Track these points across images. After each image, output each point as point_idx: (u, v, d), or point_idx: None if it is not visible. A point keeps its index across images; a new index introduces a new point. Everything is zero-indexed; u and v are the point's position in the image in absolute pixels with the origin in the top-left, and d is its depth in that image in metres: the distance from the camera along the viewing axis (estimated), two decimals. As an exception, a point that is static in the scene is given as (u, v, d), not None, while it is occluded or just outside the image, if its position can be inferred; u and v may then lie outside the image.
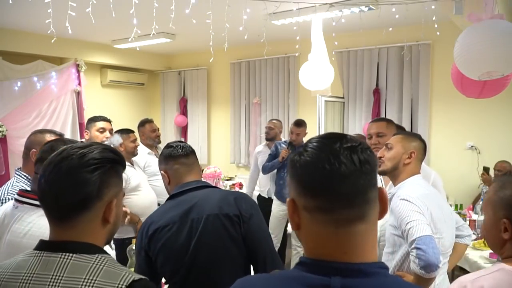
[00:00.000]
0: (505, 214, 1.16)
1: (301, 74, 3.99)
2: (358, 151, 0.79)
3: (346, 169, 0.76)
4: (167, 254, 1.59)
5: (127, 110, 6.99)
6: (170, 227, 1.60)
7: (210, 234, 1.59)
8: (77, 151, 1.01)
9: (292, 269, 0.81)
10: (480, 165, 4.58)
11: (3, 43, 5.09)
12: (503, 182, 1.21)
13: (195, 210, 1.62)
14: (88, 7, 3.14)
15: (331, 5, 3.92)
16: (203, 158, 7.08)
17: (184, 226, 1.60)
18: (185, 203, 1.64)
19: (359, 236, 0.78)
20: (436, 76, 4.99)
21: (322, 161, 0.77)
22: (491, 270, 1.15)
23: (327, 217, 0.77)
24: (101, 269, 0.96)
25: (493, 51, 2.35)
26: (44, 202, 1.02)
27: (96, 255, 0.99)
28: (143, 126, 4.03)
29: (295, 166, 0.82)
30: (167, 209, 1.66)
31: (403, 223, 1.68)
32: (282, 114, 6.11)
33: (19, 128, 5.36)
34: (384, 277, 0.77)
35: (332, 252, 0.77)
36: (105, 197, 1.02)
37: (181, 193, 1.69)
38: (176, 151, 1.74)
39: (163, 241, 1.59)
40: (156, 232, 1.60)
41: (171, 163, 1.73)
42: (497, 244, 1.21)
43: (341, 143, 0.80)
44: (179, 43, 6.03)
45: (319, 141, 0.82)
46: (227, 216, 1.60)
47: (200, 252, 1.58)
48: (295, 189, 0.82)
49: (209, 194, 1.68)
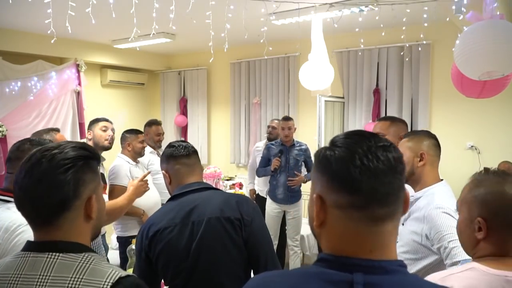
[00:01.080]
0: (480, 213, 1.15)
1: (301, 74, 3.99)
2: (391, 150, 0.78)
3: (384, 167, 0.76)
4: (168, 256, 1.58)
5: (127, 110, 6.99)
6: (171, 229, 1.58)
7: (211, 236, 1.58)
8: (46, 154, 1.00)
9: (311, 265, 0.80)
10: (480, 165, 4.57)
11: (3, 43, 5.08)
12: (477, 181, 1.20)
13: (196, 213, 1.60)
14: (88, 7, 3.14)
15: (331, 5, 3.92)
16: (203, 158, 7.08)
17: (185, 228, 1.58)
18: (186, 205, 1.63)
19: (387, 235, 0.78)
20: (436, 76, 4.99)
21: (360, 156, 0.76)
22: (463, 269, 1.13)
23: (360, 214, 0.76)
24: (88, 267, 0.96)
25: (493, 51, 2.35)
26: (23, 210, 1.02)
27: (82, 254, 0.99)
28: (149, 127, 4.07)
29: (328, 161, 0.79)
30: (168, 211, 1.65)
31: (445, 239, 1.56)
32: (282, 114, 6.07)
33: (19, 128, 5.35)
34: (404, 275, 0.77)
35: (357, 250, 0.77)
36: (83, 195, 1.02)
37: (183, 194, 1.68)
38: (177, 151, 1.73)
39: (164, 243, 1.58)
40: (157, 233, 1.59)
41: (173, 163, 1.73)
42: (470, 244, 1.19)
43: (375, 140, 0.79)
44: (179, 43, 6.03)
45: (351, 137, 0.80)
46: (229, 219, 1.59)
47: (201, 254, 1.57)
48: (326, 185, 0.79)
49: (210, 196, 1.67)
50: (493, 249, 1.13)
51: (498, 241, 1.13)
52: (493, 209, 1.13)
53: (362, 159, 0.75)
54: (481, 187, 1.17)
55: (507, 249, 1.12)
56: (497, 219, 1.12)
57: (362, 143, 0.78)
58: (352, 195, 0.76)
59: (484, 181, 1.18)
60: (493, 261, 1.12)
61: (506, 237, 1.12)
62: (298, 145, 4.36)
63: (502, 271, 1.08)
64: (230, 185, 5.64)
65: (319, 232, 0.82)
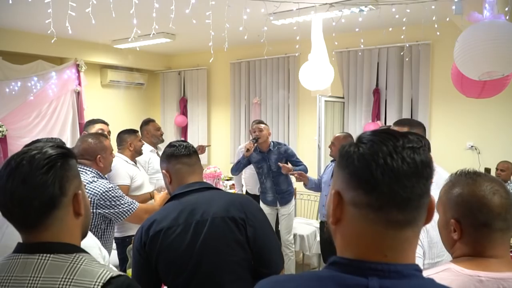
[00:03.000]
0: (453, 214, 1.15)
1: (301, 74, 3.99)
2: (420, 152, 0.73)
3: (408, 169, 0.71)
4: (171, 256, 1.56)
5: (127, 110, 6.99)
6: (174, 229, 1.57)
7: (215, 237, 1.56)
8: (25, 156, 1.00)
9: (323, 269, 0.78)
10: (480, 165, 4.58)
11: (3, 43, 5.08)
12: (452, 182, 1.19)
13: (199, 213, 1.59)
14: (88, 7, 3.14)
15: (331, 5, 3.92)
16: (203, 158, 7.05)
17: (189, 228, 1.57)
18: (189, 205, 1.61)
19: (405, 241, 0.74)
20: (436, 76, 4.99)
21: (384, 155, 0.72)
22: (438, 270, 1.13)
23: (377, 215, 0.73)
24: (79, 268, 0.96)
25: (493, 51, 2.35)
26: (10, 215, 1.01)
27: (73, 254, 0.99)
28: (147, 125, 4.07)
29: (351, 157, 0.75)
30: (171, 210, 1.63)
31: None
32: (282, 114, 6.11)
33: (19, 128, 5.36)
34: (420, 279, 0.75)
35: (371, 253, 0.74)
36: (68, 191, 1.02)
37: (184, 193, 1.66)
38: (178, 150, 1.72)
39: (166, 243, 1.56)
40: (159, 233, 1.57)
41: (173, 163, 1.72)
42: (448, 244, 1.20)
43: (403, 141, 0.74)
44: (179, 43, 6.03)
45: (379, 134, 0.76)
46: (233, 219, 1.58)
47: (205, 254, 1.55)
48: (345, 181, 0.76)
49: (213, 196, 1.66)
50: (468, 249, 1.14)
51: (471, 242, 1.13)
52: (464, 211, 1.13)
53: (386, 158, 0.71)
54: (454, 188, 1.17)
55: (481, 249, 1.12)
56: (468, 220, 1.13)
57: (388, 142, 0.73)
58: (369, 195, 0.73)
59: (456, 182, 1.18)
60: (468, 261, 1.12)
61: (478, 238, 1.12)
62: (276, 148, 4.17)
63: (476, 271, 1.08)
64: (230, 185, 5.64)
65: (335, 230, 0.79)
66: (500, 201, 1.11)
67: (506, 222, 1.12)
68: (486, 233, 1.11)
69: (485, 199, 1.11)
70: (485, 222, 1.11)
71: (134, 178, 3.26)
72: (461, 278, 1.08)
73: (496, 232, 1.11)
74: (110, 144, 2.50)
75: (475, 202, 1.12)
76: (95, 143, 2.40)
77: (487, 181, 1.14)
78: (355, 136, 0.83)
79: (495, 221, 1.10)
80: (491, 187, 1.12)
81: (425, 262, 1.63)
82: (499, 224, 1.11)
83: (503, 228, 1.12)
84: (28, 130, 5.45)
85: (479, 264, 1.10)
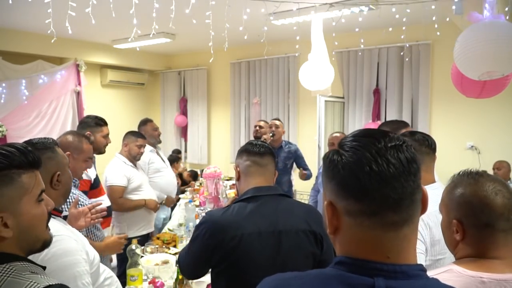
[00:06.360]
0: (455, 215, 1.14)
1: (301, 74, 3.99)
2: (404, 150, 0.73)
3: (395, 170, 0.71)
4: (248, 263, 1.50)
5: (127, 110, 7.00)
6: (255, 236, 1.51)
7: (298, 249, 1.54)
8: None
9: (329, 268, 0.78)
10: (480, 165, 4.57)
11: (3, 43, 5.08)
12: (454, 183, 1.19)
13: (281, 222, 1.54)
14: (88, 7, 3.14)
15: (331, 5, 3.92)
16: (203, 158, 7.08)
17: (270, 237, 1.52)
18: (270, 212, 1.56)
19: (405, 241, 0.74)
20: (436, 76, 4.99)
21: (368, 162, 0.71)
22: (440, 271, 1.13)
23: (372, 221, 0.73)
24: (5, 280, 0.90)
25: (493, 51, 2.35)
26: None
27: (3, 265, 0.93)
28: (145, 125, 4.07)
29: (336, 166, 0.75)
30: (248, 214, 1.55)
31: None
32: (282, 114, 6.11)
33: (19, 128, 5.36)
34: (426, 279, 0.75)
35: (375, 255, 0.73)
36: None
37: (257, 197, 1.59)
38: (252, 147, 1.68)
39: (245, 249, 1.49)
40: (234, 238, 1.49)
41: (244, 158, 1.67)
42: (451, 245, 1.19)
43: (385, 141, 0.73)
44: (179, 43, 6.03)
45: (360, 139, 0.75)
46: (313, 233, 1.56)
47: (288, 267, 1.46)
48: (335, 191, 0.76)
49: (293, 206, 1.63)
50: (471, 250, 1.13)
51: (474, 243, 1.12)
52: (466, 211, 1.12)
53: (370, 164, 0.71)
54: (456, 188, 1.16)
55: (484, 250, 1.11)
56: (470, 221, 1.12)
57: (370, 146, 0.73)
58: (361, 202, 0.72)
59: (459, 183, 1.17)
60: (470, 262, 1.11)
61: (481, 238, 1.11)
62: (287, 147, 4.27)
63: (478, 272, 1.08)
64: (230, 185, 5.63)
65: (333, 239, 0.79)
66: (503, 201, 1.10)
67: (509, 222, 1.10)
68: (489, 234, 1.10)
69: (487, 199, 1.10)
70: (487, 222, 1.10)
71: (131, 179, 3.24)
72: (463, 279, 1.07)
73: (499, 233, 1.10)
74: (88, 149, 2.27)
75: (477, 202, 1.11)
76: (73, 139, 2.26)
77: (489, 181, 1.13)
78: None
79: (498, 222, 1.09)
80: (494, 187, 1.11)
81: (427, 258, 1.63)
82: (502, 224, 1.10)
83: (506, 229, 1.10)
84: (28, 130, 5.44)
85: (482, 265, 1.09)
